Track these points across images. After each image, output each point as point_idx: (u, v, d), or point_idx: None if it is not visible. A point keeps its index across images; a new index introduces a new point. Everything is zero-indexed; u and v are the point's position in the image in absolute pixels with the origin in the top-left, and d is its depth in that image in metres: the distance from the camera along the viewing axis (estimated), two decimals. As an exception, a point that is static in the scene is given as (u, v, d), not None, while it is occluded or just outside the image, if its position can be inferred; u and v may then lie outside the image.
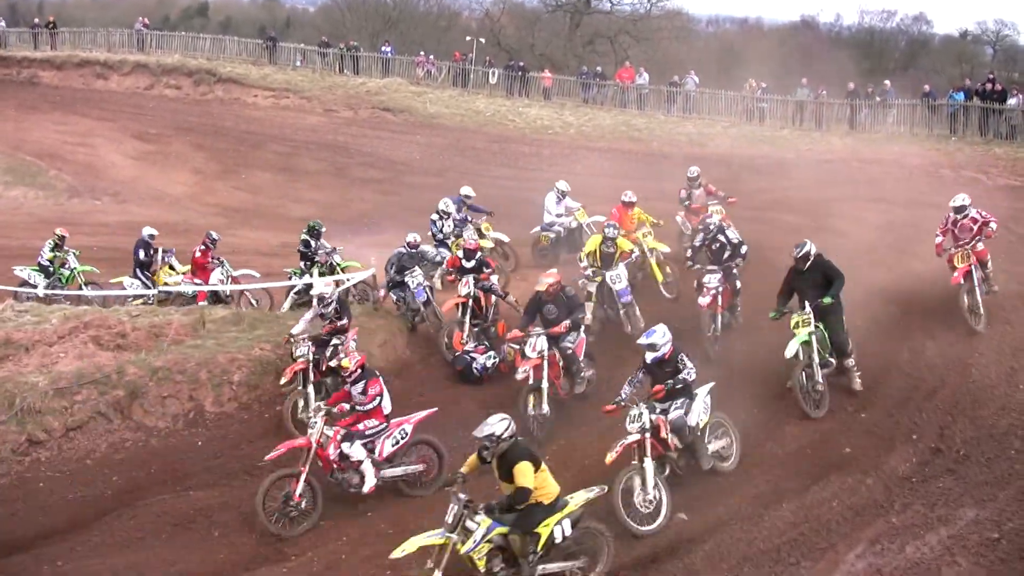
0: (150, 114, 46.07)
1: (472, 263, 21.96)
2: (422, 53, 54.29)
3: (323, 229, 25.47)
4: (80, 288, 25.23)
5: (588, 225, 26.36)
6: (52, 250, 25.48)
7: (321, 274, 24.03)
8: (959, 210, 21.24)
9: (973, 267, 20.69)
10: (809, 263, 18.41)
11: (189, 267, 25.37)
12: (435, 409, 16.91)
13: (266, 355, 19.45)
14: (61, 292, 24.56)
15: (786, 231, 27.80)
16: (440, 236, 25.22)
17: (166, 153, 40.74)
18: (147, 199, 36.53)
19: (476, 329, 21.46)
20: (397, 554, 12.37)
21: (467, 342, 20.93)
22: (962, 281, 20.59)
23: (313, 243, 24.90)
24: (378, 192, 36.92)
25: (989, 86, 39.48)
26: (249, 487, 16.18)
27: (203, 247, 24.99)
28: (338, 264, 24.91)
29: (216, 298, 24.50)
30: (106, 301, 24.20)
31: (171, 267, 25.66)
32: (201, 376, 18.37)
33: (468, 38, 53.15)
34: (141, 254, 25.15)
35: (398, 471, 16.04)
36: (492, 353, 20.72)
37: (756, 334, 21.01)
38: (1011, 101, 38.58)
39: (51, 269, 25.38)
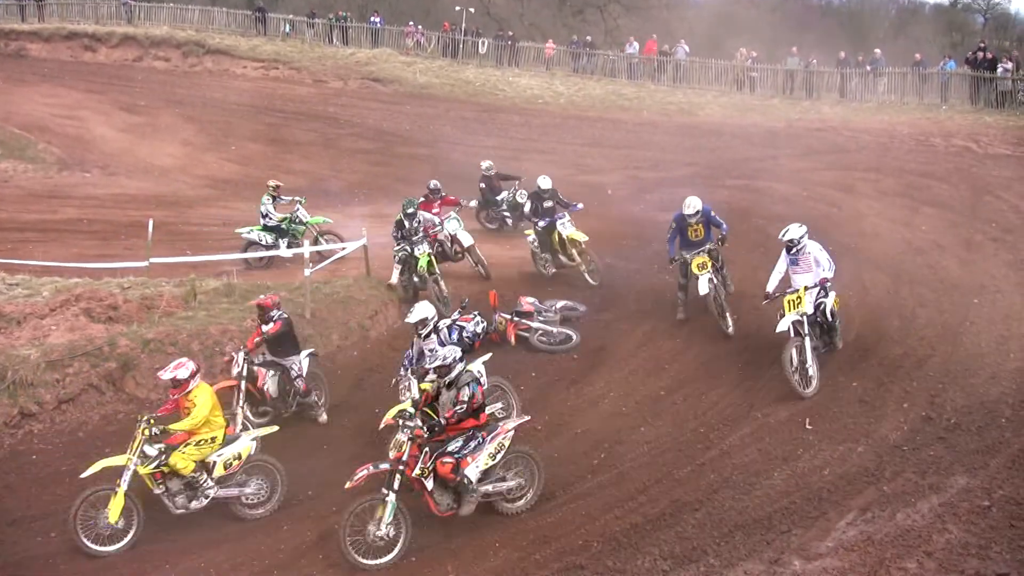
0: (139, 86, 45.88)
1: (268, 327, 17.42)
2: (411, 23, 54.10)
3: (411, 211, 22.61)
4: (317, 241, 25.20)
5: None
6: (274, 204, 25.31)
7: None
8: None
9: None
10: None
11: None
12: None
13: (258, 326, 19.45)
14: (301, 249, 22.93)
15: (776, 200, 27.93)
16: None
17: (155, 125, 40.53)
18: (136, 171, 36.36)
19: (264, 419, 17.32)
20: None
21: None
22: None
23: (407, 223, 22.43)
24: (368, 163, 36.82)
25: (980, 54, 39.46)
26: (242, 458, 16.24)
27: (422, 199, 24.97)
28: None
29: (442, 255, 23.82)
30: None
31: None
32: (193, 347, 18.32)
33: (457, 8, 52.88)
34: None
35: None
36: (479, 318, 20.69)
37: (747, 301, 21.09)
38: (1001, 69, 38.55)
39: (283, 227, 25.31)
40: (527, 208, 24.20)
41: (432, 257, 22.29)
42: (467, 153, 36.26)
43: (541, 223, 23.34)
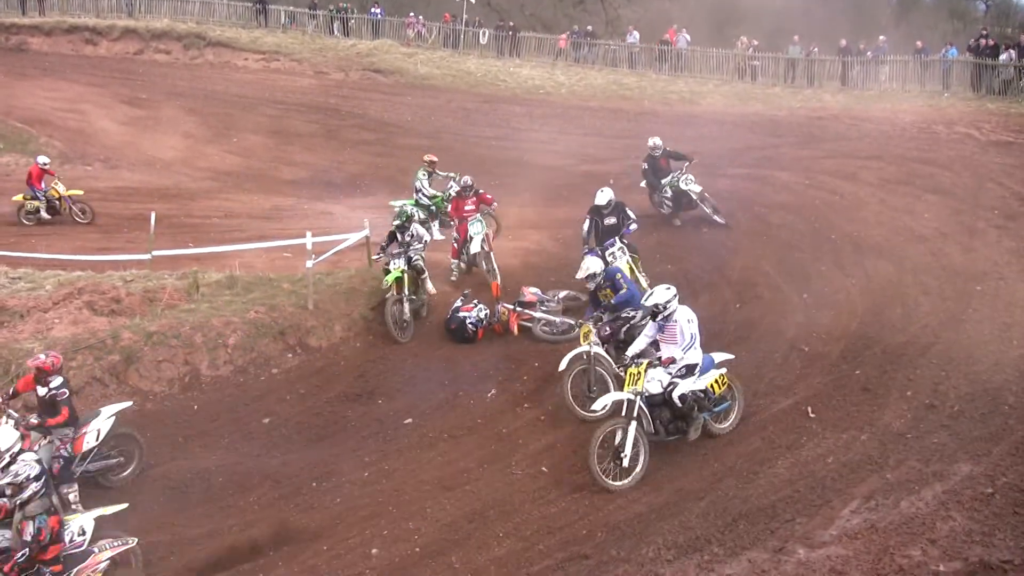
0: (140, 79, 45.87)
1: (44, 392, 14.86)
2: (412, 14, 54.07)
3: (397, 223, 21.10)
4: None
5: None
6: (430, 180, 25.34)
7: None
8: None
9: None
10: None
11: None
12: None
13: (261, 318, 19.47)
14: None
15: (778, 188, 27.92)
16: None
17: (157, 118, 40.51)
18: (138, 164, 36.35)
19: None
20: None
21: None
22: None
23: (399, 236, 20.88)
24: (370, 154, 36.80)
25: (982, 42, 39.39)
26: (244, 450, 16.27)
27: (454, 196, 24.15)
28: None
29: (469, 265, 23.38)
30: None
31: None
32: (196, 340, 18.38)
33: (458, -1, 52.96)
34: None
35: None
36: (481, 305, 20.68)
37: (750, 289, 21.13)
38: (1003, 56, 38.49)
39: (434, 208, 25.48)
40: (585, 227, 21.43)
41: (405, 274, 20.53)
42: (468, 144, 36.27)
43: (590, 256, 18.99)
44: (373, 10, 54.50)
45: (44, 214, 28.59)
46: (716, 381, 15.29)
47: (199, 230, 26.74)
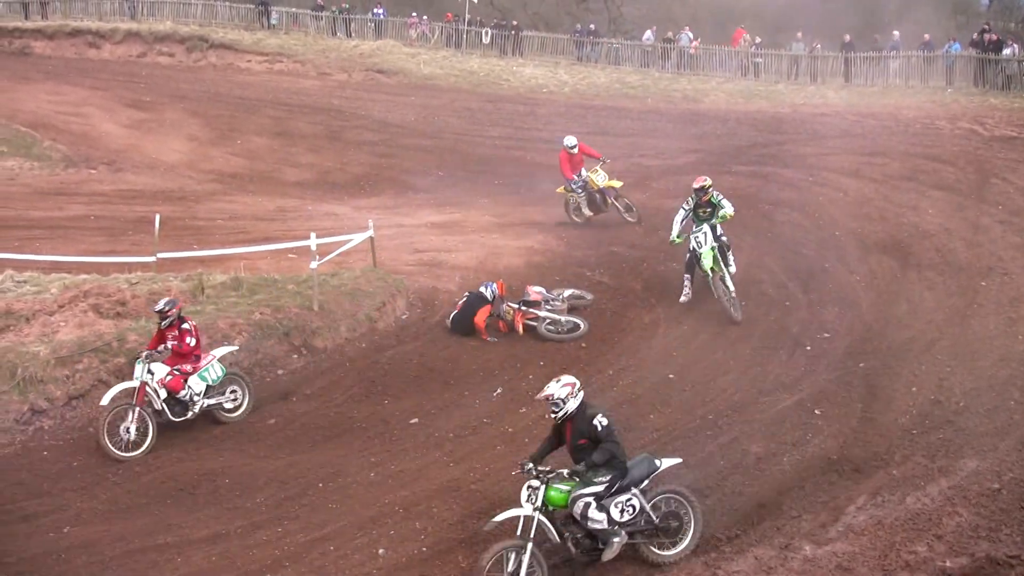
0: (143, 82, 45.85)
1: None
2: (414, 14, 54.09)
3: None
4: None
5: None
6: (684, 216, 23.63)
7: None
8: None
9: None
10: None
11: None
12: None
13: (266, 319, 19.44)
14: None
15: (782, 185, 27.90)
16: None
17: (160, 121, 40.49)
18: (142, 167, 36.31)
19: None
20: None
21: None
22: None
23: None
24: (374, 155, 36.79)
25: (986, 36, 39.37)
26: (251, 451, 16.28)
27: None
28: None
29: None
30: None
31: None
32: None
33: (460, -2, 52.95)
34: None
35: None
36: (492, 284, 20.86)
37: (755, 287, 21.12)
38: (1006, 51, 38.48)
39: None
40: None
41: None
42: (472, 144, 36.27)
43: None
44: (376, 10, 54.52)
45: (585, 210, 26.05)
46: None
47: (203, 232, 26.75)
